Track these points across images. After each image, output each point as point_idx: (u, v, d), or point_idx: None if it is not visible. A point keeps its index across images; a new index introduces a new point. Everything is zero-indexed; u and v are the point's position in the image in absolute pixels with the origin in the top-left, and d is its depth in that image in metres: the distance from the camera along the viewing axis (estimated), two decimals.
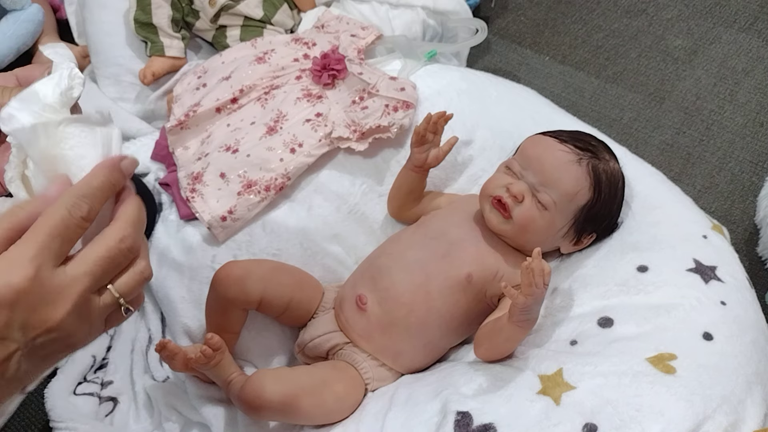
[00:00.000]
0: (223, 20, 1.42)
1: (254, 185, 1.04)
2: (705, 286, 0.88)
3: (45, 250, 0.46)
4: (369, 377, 0.95)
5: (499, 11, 1.74)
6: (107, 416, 1.05)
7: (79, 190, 0.49)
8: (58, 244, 0.47)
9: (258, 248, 1.04)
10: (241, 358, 1.02)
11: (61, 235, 0.47)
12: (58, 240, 0.47)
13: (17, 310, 0.44)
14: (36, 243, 0.46)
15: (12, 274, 0.44)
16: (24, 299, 0.44)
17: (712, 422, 0.74)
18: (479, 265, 0.95)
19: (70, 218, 0.47)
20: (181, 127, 1.13)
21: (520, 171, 0.95)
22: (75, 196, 0.48)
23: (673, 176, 1.14)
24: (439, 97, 1.12)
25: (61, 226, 0.47)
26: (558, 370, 0.82)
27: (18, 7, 1.51)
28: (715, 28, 1.66)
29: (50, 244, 0.46)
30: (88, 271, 0.48)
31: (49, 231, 0.46)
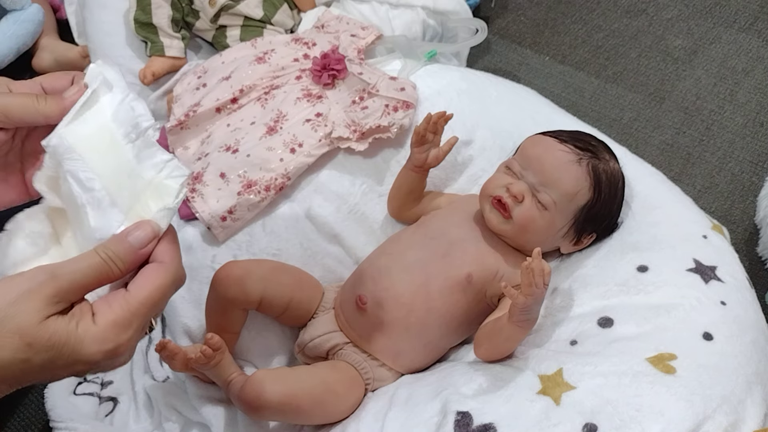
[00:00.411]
0: (223, 20, 1.42)
1: (254, 185, 1.04)
2: (705, 286, 0.88)
3: (138, 332, 0.48)
4: (369, 377, 0.95)
5: (499, 11, 1.74)
6: (107, 416, 1.05)
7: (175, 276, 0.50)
8: (145, 321, 0.49)
9: (258, 248, 1.04)
10: (241, 358, 1.02)
11: (150, 315, 0.49)
12: (146, 319, 0.49)
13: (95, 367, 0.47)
14: (132, 322, 0.47)
15: (106, 344, 0.46)
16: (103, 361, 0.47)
17: (712, 422, 0.74)
18: (479, 265, 0.95)
19: (161, 306, 0.49)
20: (181, 127, 1.13)
21: (520, 171, 0.95)
22: (173, 283, 0.50)
23: (673, 176, 1.14)
24: (439, 97, 1.12)
25: (154, 310, 0.49)
26: (558, 370, 0.82)
27: (18, 7, 1.51)
28: (715, 28, 1.66)
29: (143, 325, 0.48)
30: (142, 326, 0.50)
31: (147, 312, 0.48)
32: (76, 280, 0.47)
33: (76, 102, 0.54)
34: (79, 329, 0.46)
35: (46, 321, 0.45)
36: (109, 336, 0.46)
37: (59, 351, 0.45)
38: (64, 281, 0.46)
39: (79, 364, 0.46)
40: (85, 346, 0.46)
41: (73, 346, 0.45)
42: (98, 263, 0.48)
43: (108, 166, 0.52)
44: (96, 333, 0.46)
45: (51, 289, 0.45)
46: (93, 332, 0.46)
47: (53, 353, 0.45)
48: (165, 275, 0.49)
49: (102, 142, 0.52)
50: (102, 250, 0.48)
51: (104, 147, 0.52)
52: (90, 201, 0.51)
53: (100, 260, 0.48)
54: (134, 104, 0.53)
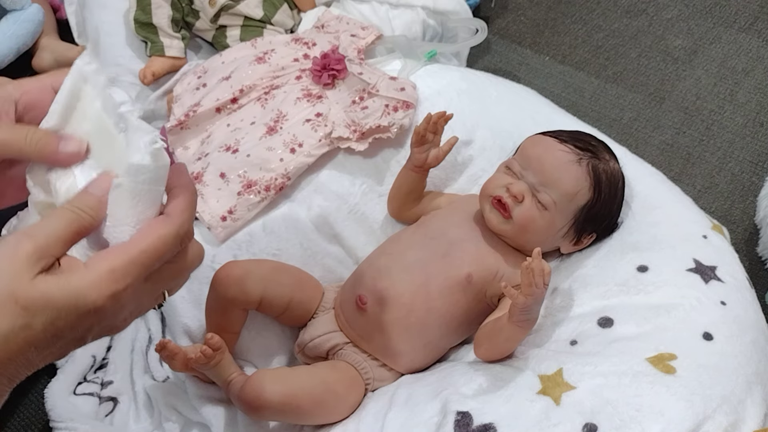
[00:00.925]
0: (223, 20, 1.42)
1: (254, 185, 1.04)
2: (705, 286, 0.88)
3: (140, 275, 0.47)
4: (369, 377, 0.95)
5: (499, 11, 1.74)
6: (107, 416, 1.05)
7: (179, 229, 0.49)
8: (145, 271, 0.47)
9: (258, 248, 1.04)
10: (241, 358, 1.02)
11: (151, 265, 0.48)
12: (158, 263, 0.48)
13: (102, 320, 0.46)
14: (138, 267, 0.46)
15: (103, 289, 0.45)
16: (109, 312, 0.46)
17: (712, 422, 0.74)
18: (479, 265, 0.95)
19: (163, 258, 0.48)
20: (181, 127, 1.13)
21: (520, 171, 0.95)
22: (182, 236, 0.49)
23: (673, 176, 1.14)
24: (439, 97, 1.12)
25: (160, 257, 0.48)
26: (558, 370, 0.82)
27: (18, 7, 1.51)
28: (715, 28, 1.66)
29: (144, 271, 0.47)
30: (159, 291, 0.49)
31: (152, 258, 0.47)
32: (51, 234, 0.46)
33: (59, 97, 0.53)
34: (71, 282, 0.45)
35: (35, 280, 0.44)
36: (105, 281, 0.45)
37: (57, 309, 0.44)
38: (39, 237, 0.45)
39: (83, 319, 0.45)
40: (82, 296, 0.44)
41: (69, 300, 0.44)
42: (67, 214, 0.47)
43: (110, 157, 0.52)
44: (91, 279, 0.45)
45: (29, 247, 0.44)
46: (88, 279, 0.45)
47: (52, 313, 0.44)
48: (167, 227, 0.48)
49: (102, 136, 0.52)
50: (67, 204, 0.48)
51: (105, 140, 0.52)
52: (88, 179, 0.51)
53: (68, 211, 0.47)
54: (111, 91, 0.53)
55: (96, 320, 0.46)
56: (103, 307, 0.45)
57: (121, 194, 0.49)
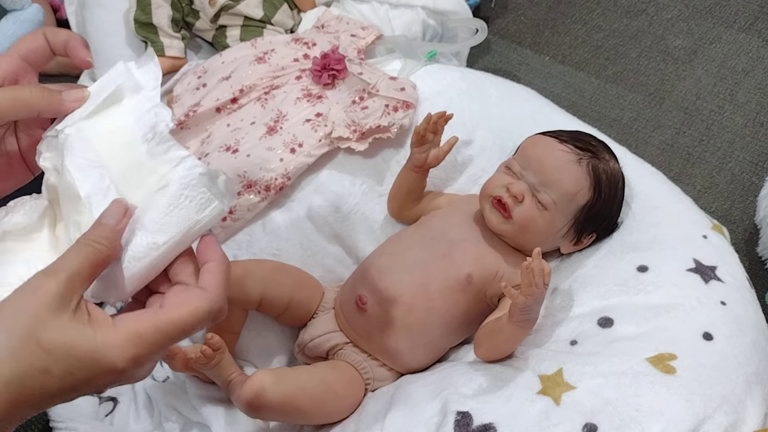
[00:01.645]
0: (223, 20, 1.42)
1: (254, 185, 1.04)
2: (705, 286, 0.88)
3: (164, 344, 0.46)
4: (369, 377, 0.95)
5: (499, 11, 1.74)
6: (107, 416, 1.05)
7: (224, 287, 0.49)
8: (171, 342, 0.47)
9: (258, 248, 1.04)
10: (241, 358, 1.02)
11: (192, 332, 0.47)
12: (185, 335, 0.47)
13: (121, 378, 0.46)
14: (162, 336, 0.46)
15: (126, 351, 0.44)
16: (130, 373, 0.46)
17: (712, 422, 0.74)
18: (479, 265, 0.95)
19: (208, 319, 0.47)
20: (181, 127, 1.13)
21: (520, 171, 0.95)
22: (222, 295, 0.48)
23: (673, 176, 1.14)
24: (439, 97, 1.12)
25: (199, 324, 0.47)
26: (558, 370, 0.82)
27: (18, 7, 1.51)
28: (715, 28, 1.66)
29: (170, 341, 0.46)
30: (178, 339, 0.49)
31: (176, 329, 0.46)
32: (73, 271, 0.45)
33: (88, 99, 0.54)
34: (97, 337, 0.44)
35: (61, 324, 0.43)
36: (129, 344, 0.44)
37: (78, 360, 0.43)
38: (61, 275, 0.44)
39: (100, 374, 0.44)
40: (104, 354, 0.43)
41: (91, 354, 0.43)
42: (84, 249, 0.46)
43: (120, 162, 0.52)
44: (116, 339, 0.44)
45: (54, 286, 0.43)
46: (113, 339, 0.44)
47: (72, 362, 0.43)
48: (202, 302, 0.47)
49: (120, 140, 0.52)
50: (82, 238, 0.47)
51: (121, 144, 0.52)
52: (96, 194, 0.50)
53: (83, 246, 0.47)
54: (159, 110, 0.53)
55: (114, 379, 0.45)
56: (123, 370, 0.44)
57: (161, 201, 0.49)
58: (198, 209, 0.51)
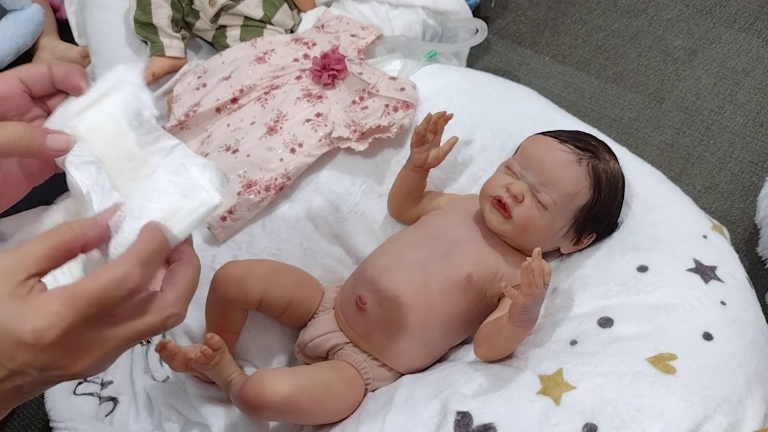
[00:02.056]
0: (223, 20, 1.42)
1: (254, 185, 1.04)
2: (705, 286, 0.88)
3: (82, 315, 0.44)
4: (369, 377, 0.95)
5: (499, 11, 1.74)
6: (107, 416, 1.05)
7: (138, 257, 0.47)
8: (98, 311, 0.45)
9: (258, 248, 1.04)
10: (241, 358, 1.02)
11: (103, 303, 0.45)
12: (98, 307, 0.45)
13: (40, 356, 0.44)
14: (75, 305, 0.44)
15: (44, 322, 0.43)
16: (48, 350, 0.44)
17: (712, 422, 0.74)
18: (479, 265, 0.95)
19: (118, 289, 0.46)
20: (181, 127, 1.13)
21: (520, 171, 0.95)
22: (132, 264, 0.46)
23: (673, 176, 1.14)
24: (439, 97, 1.12)
25: (107, 295, 0.45)
26: (558, 370, 0.82)
27: (18, 7, 1.51)
28: (715, 28, 1.66)
29: (89, 310, 0.45)
30: (125, 337, 0.47)
31: (92, 297, 0.45)
32: (29, 248, 0.45)
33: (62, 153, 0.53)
34: (16, 306, 0.43)
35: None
36: (32, 316, 0.43)
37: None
38: (18, 253, 0.44)
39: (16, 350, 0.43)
40: (16, 324, 0.43)
41: (8, 323, 0.43)
42: (53, 231, 0.46)
43: (112, 152, 0.52)
44: (24, 311, 0.43)
45: (4, 261, 0.44)
46: (22, 311, 0.43)
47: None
48: (107, 272, 0.46)
49: (109, 131, 0.53)
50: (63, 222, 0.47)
51: (111, 135, 0.53)
52: (94, 188, 0.51)
53: (54, 229, 0.46)
54: (140, 94, 0.53)
55: (30, 357, 0.43)
56: (29, 344, 0.43)
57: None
58: (184, 195, 0.50)
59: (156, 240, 0.49)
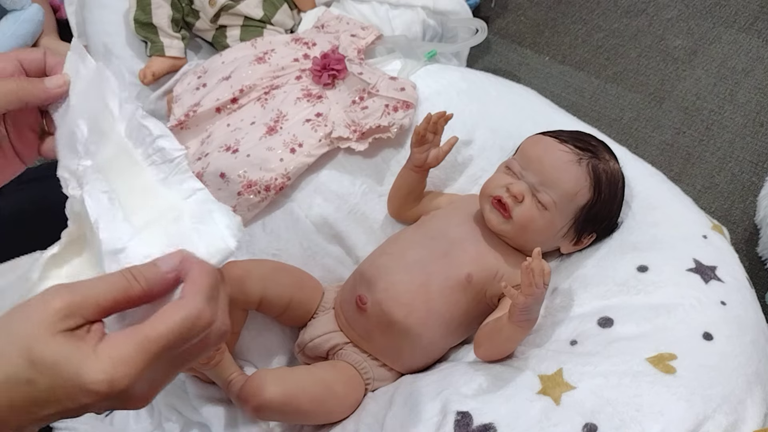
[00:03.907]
0: (223, 20, 1.42)
1: (254, 185, 1.04)
2: (705, 286, 0.88)
3: (155, 358, 0.44)
4: (369, 377, 0.95)
5: (499, 11, 1.74)
6: (107, 416, 1.05)
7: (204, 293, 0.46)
8: (170, 352, 0.45)
9: (258, 248, 1.04)
10: (241, 358, 1.02)
11: (176, 345, 0.45)
12: (170, 350, 0.45)
13: (106, 401, 0.44)
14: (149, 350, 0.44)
15: (117, 371, 0.43)
16: (117, 395, 0.44)
17: (712, 422, 0.74)
18: (479, 265, 0.95)
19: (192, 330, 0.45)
20: (181, 127, 1.13)
21: (520, 171, 0.95)
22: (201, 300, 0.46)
23: (673, 176, 1.14)
24: (439, 97, 1.12)
25: (181, 336, 0.45)
26: (558, 370, 0.82)
27: (18, 7, 1.51)
28: (715, 28, 1.66)
29: (162, 353, 0.44)
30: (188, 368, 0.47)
31: (165, 341, 0.44)
32: (90, 294, 0.44)
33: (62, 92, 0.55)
34: (80, 351, 0.42)
35: (54, 338, 0.42)
36: (105, 367, 0.42)
37: (60, 377, 0.42)
38: (77, 294, 0.43)
39: (81, 396, 0.42)
40: (82, 376, 0.42)
41: (71, 374, 0.42)
42: (117, 278, 0.45)
43: (125, 184, 0.52)
44: (93, 362, 0.42)
45: (61, 301, 0.43)
46: (90, 361, 0.42)
47: (54, 378, 0.42)
48: (180, 312, 0.45)
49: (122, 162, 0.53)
50: (125, 269, 0.46)
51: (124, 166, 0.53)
52: (103, 216, 0.50)
53: (119, 276, 0.45)
54: (145, 122, 0.53)
55: (95, 400, 0.43)
56: (100, 393, 0.43)
57: None
58: (206, 244, 0.51)
59: (211, 274, 0.49)
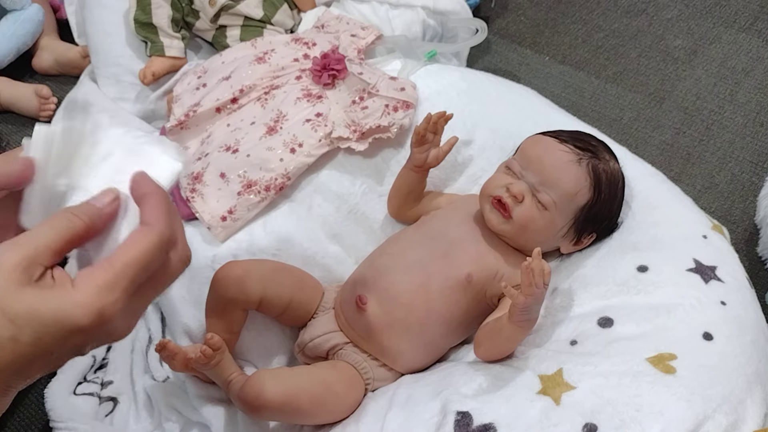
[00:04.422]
0: (223, 20, 1.42)
1: (254, 185, 1.04)
2: (705, 286, 0.88)
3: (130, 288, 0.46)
4: (369, 377, 0.95)
5: (499, 11, 1.74)
6: (107, 416, 1.05)
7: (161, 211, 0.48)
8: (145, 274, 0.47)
9: (258, 248, 1.04)
10: (241, 358, 1.02)
11: (150, 266, 0.47)
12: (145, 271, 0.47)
13: (97, 333, 0.45)
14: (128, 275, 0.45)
15: (105, 298, 0.44)
16: (108, 323, 0.45)
17: (712, 422, 0.74)
18: (479, 265, 0.95)
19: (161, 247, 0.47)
20: (181, 127, 1.13)
21: (520, 171, 0.95)
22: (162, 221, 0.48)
23: (673, 176, 1.14)
24: (439, 97, 1.12)
25: (152, 257, 0.47)
26: (558, 370, 0.82)
27: (18, 7, 1.51)
28: (715, 28, 1.66)
29: (139, 276, 0.46)
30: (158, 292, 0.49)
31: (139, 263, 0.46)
32: (39, 243, 0.45)
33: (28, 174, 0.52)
34: (56, 297, 0.44)
35: (22, 292, 0.43)
36: (90, 298, 0.44)
37: (44, 325, 0.43)
38: (28, 246, 0.44)
39: (70, 335, 0.44)
40: (68, 314, 0.43)
41: (55, 317, 0.43)
42: (59, 222, 0.46)
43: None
44: (76, 297, 0.44)
45: (14, 256, 0.43)
46: (73, 297, 0.44)
47: (39, 328, 0.43)
48: (149, 236, 0.47)
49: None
50: (62, 211, 0.47)
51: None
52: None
53: (60, 218, 0.46)
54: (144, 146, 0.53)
55: (85, 337, 0.45)
56: (90, 326, 0.44)
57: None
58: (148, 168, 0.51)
59: (167, 199, 0.50)
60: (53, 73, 1.58)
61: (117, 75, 1.41)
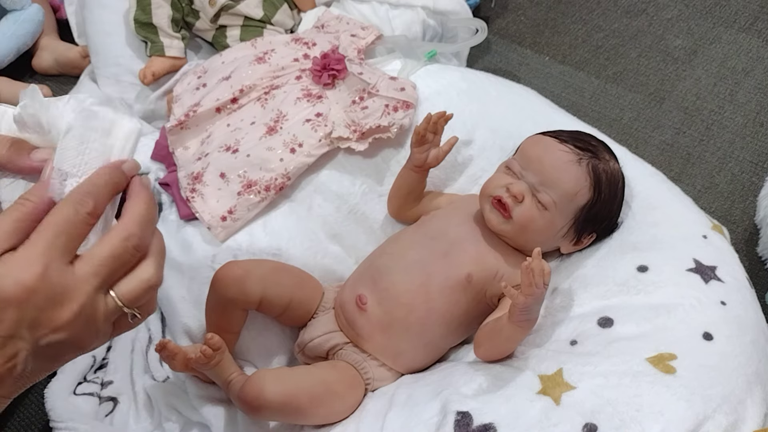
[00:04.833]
0: (223, 20, 1.42)
1: (254, 185, 1.04)
2: (705, 286, 0.88)
3: (52, 247, 0.47)
4: (369, 377, 0.95)
5: (499, 11, 1.74)
6: (107, 416, 1.05)
7: (84, 188, 0.50)
8: (65, 241, 0.47)
9: (258, 248, 1.04)
10: (241, 358, 1.02)
11: (68, 231, 0.48)
12: (64, 237, 0.47)
13: (26, 308, 0.45)
14: (43, 240, 0.46)
15: (21, 271, 0.45)
16: (33, 297, 0.45)
17: (712, 422, 0.74)
18: (479, 265, 0.95)
19: (75, 215, 0.48)
20: (181, 127, 1.13)
21: (520, 171, 0.95)
22: (80, 193, 0.49)
23: (673, 176, 1.14)
24: (439, 97, 1.12)
25: (68, 222, 0.48)
26: (558, 370, 0.82)
27: (18, 7, 1.51)
28: (715, 28, 1.66)
29: (57, 242, 0.47)
30: (94, 271, 0.48)
31: (55, 228, 0.47)
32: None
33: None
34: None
35: None
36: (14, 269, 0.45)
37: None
38: None
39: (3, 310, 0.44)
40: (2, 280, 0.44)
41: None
42: (11, 208, 0.48)
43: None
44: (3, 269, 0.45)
45: None
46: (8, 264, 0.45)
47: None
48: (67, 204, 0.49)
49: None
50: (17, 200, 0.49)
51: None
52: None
53: (13, 204, 0.48)
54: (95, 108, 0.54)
55: (19, 311, 0.45)
56: (16, 296, 0.44)
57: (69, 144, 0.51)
58: (108, 135, 0.52)
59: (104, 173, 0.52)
60: (53, 73, 1.58)
61: (117, 75, 1.41)
